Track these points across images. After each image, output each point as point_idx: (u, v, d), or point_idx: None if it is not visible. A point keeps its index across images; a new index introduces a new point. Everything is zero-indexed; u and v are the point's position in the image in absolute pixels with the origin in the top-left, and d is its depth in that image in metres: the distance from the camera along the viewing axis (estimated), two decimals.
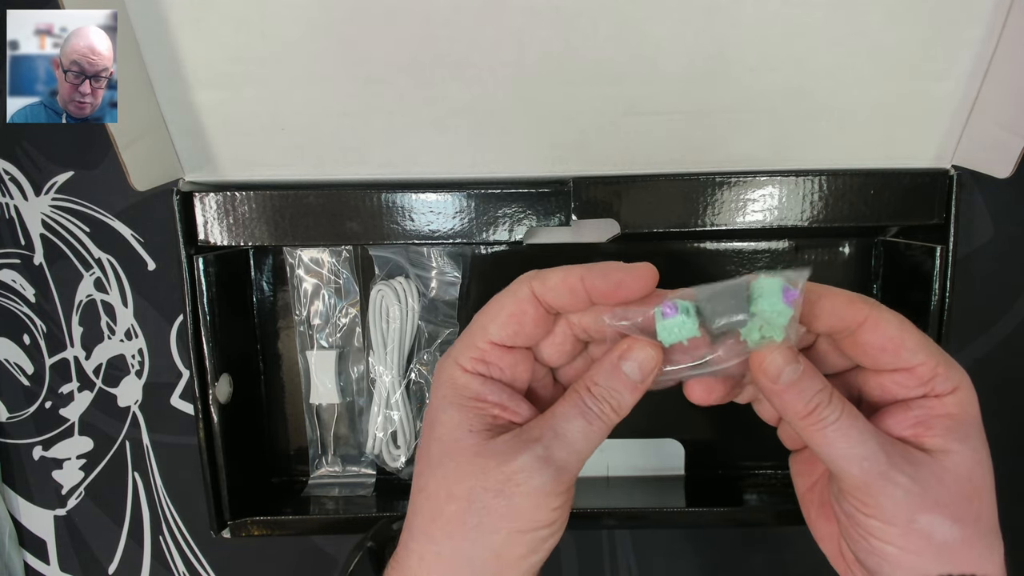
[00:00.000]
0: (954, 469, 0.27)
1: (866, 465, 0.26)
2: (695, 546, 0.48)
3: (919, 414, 0.27)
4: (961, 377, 0.27)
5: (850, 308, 0.27)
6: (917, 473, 0.26)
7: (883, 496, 0.26)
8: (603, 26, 0.35)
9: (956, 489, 0.26)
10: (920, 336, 0.27)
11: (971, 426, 0.27)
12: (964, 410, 0.27)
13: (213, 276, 0.40)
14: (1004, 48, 0.35)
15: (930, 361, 0.27)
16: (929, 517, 0.26)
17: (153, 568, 0.49)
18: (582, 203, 0.38)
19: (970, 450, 0.27)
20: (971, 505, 0.27)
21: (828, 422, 0.26)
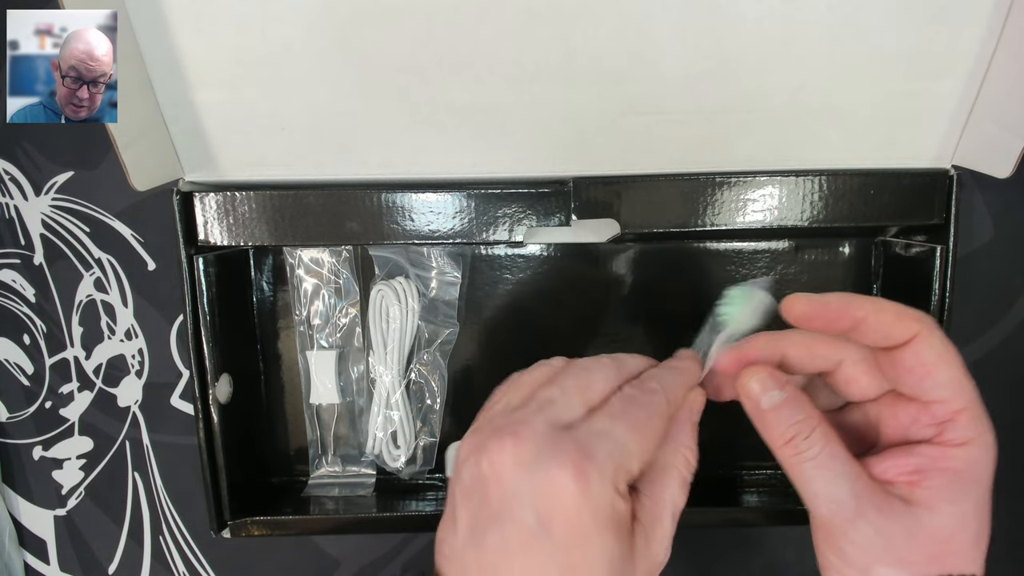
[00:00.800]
0: (931, 528, 0.26)
1: (833, 507, 0.26)
2: (695, 546, 0.48)
3: (919, 462, 0.26)
4: (980, 433, 0.26)
5: (899, 323, 0.26)
6: (885, 526, 0.25)
7: (844, 541, 0.26)
8: (603, 26, 0.35)
9: (927, 548, 0.26)
10: (958, 375, 0.26)
11: (972, 487, 0.26)
12: (970, 468, 0.26)
13: (213, 276, 0.40)
14: (1004, 48, 0.35)
15: (953, 402, 0.26)
16: (886, 570, 0.26)
17: (153, 568, 0.49)
18: (582, 203, 0.38)
19: (960, 514, 0.26)
20: (942, 566, 0.26)
21: (805, 456, 0.26)
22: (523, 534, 0.24)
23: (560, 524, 0.24)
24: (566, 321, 0.45)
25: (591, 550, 0.24)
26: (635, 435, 0.26)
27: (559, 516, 0.24)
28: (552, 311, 0.45)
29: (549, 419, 0.26)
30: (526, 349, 0.45)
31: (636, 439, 0.26)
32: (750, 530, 0.47)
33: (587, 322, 0.45)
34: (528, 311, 0.45)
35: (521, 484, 0.24)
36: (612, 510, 0.25)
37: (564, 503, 0.24)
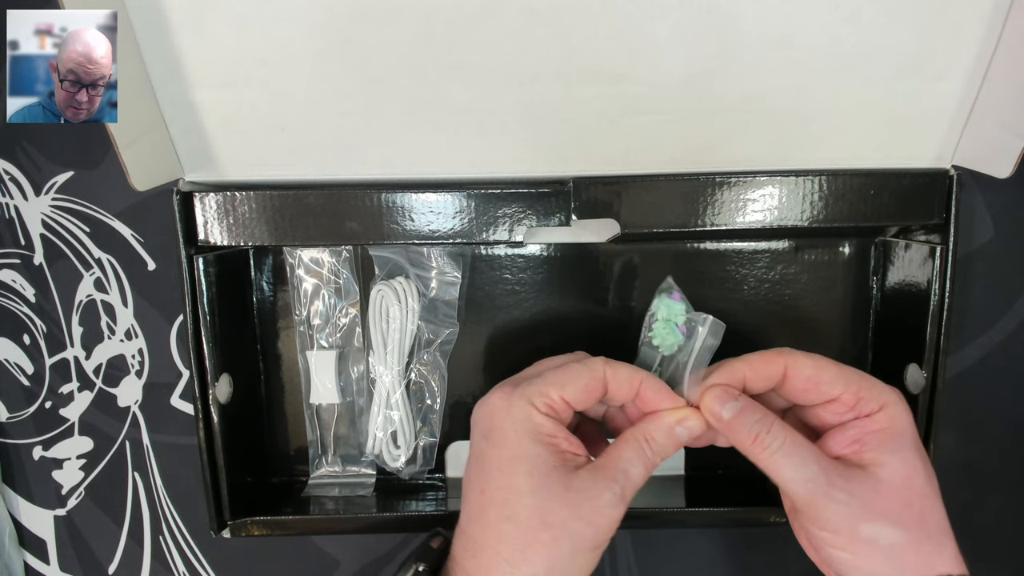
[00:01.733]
0: (889, 479, 0.30)
1: (810, 485, 0.30)
2: (695, 546, 0.48)
3: (854, 433, 0.31)
4: (887, 395, 0.31)
5: (768, 366, 0.32)
6: (854, 488, 0.30)
7: (827, 511, 0.30)
8: (603, 26, 0.35)
9: (893, 496, 0.30)
10: (836, 370, 0.32)
11: (902, 438, 0.31)
12: (894, 424, 0.31)
13: (213, 276, 0.40)
14: (1004, 48, 0.35)
15: (850, 388, 0.31)
16: (870, 526, 0.30)
17: (153, 568, 0.49)
18: (582, 203, 0.38)
19: (902, 460, 0.30)
20: (911, 509, 0.30)
21: (772, 449, 0.31)
22: (475, 448, 0.33)
23: (494, 433, 0.32)
24: (566, 321, 0.45)
25: (514, 449, 0.31)
26: (556, 375, 0.32)
27: (492, 427, 0.32)
28: (552, 311, 0.45)
29: (515, 379, 0.34)
30: (526, 349, 0.45)
31: (555, 375, 0.32)
32: (752, 529, 0.47)
33: (587, 322, 0.45)
34: (528, 311, 0.45)
35: (480, 414, 0.33)
36: (529, 421, 0.31)
37: (494, 417, 0.32)
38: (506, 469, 0.31)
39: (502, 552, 0.30)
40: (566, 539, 0.30)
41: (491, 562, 0.30)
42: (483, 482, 0.31)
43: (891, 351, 0.43)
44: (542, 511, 0.30)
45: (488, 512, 0.31)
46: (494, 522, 0.31)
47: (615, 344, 0.44)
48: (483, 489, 0.31)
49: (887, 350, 0.43)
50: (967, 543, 0.47)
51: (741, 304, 0.44)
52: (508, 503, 0.30)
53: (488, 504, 0.31)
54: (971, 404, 0.46)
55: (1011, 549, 0.47)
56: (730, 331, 0.37)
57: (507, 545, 0.30)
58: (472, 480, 0.32)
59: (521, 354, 0.44)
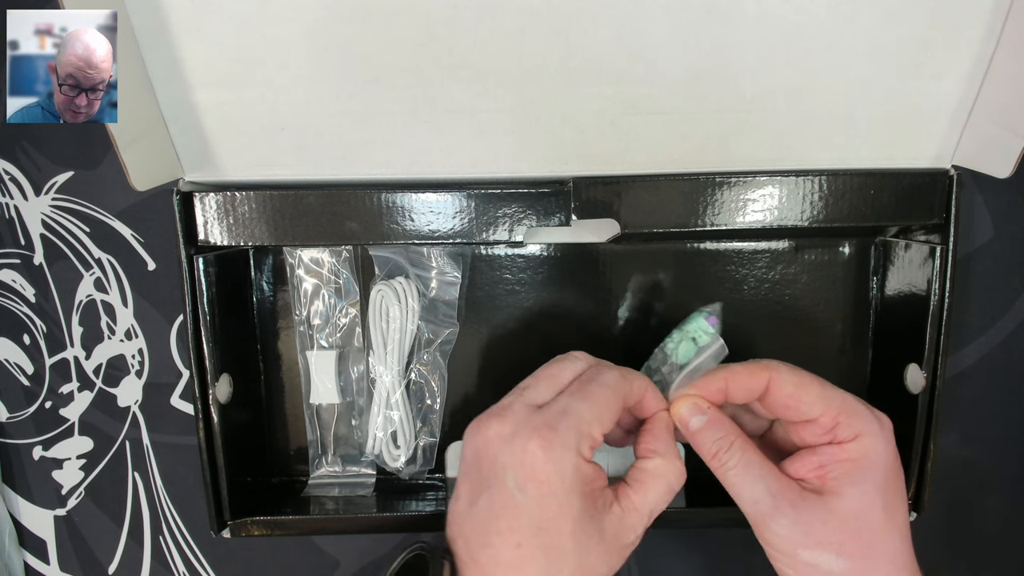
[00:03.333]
0: (841, 510, 0.30)
1: (758, 506, 0.31)
2: (695, 546, 0.48)
3: (821, 459, 0.31)
4: (865, 426, 0.31)
5: (751, 379, 0.32)
6: (800, 516, 0.30)
7: (769, 533, 0.31)
8: (603, 26, 0.35)
9: (841, 529, 0.30)
10: (819, 391, 0.31)
11: (870, 471, 0.31)
12: (863, 456, 0.31)
13: (213, 276, 0.40)
14: (1004, 48, 0.35)
15: (829, 412, 0.31)
16: (809, 552, 0.30)
17: (153, 568, 0.49)
18: (582, 203, 0.38)
19: (860, 493, 0.30)
20: (859, 541, 0.30)
21: (728, 466, 0.31)
22: (505, 496, 0.30)
23: (532, 485, 0.29)
24: (566, 321, 0.45)
25: (558, 506, 0.30)
26: (591, 406, 0.31)
27: (531, 479, 0.29)
28: (552, 311, 0.45)
29: (525, 402, 0.32)
30: (526, 349, 0.45)
31: (592, 409, 0.31)
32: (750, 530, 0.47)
33: (587, 322, 0.45)
34: (528, 311, 0.45)
35: (502, 455, 0.30)
36: (576, 472, 0.30)
37: (535, 468, 0.29)
38: (550, 528, 0.30)
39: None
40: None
41: None
42: (519, 536, 0.30)
43: (891, 351, 0.43)
44: (581, 565, 0.30)
45: (526, 568, 0.30)
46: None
47: (615, 344, 0.45)
48: (520, 543, 0.30)
49: (887, 350, 0.43)
50: (967, 543, 0.47)
51: (741, 304, 0.44)
52: (551, 563, 0.30)
53: (525, 561, 0.30)
54: (971, 404, 0.46)
55: (1011, 549, 0.47)
56: (730, 331, 0.37)
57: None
58: (502, 528, 0.30)
59: (521, 354, 0.44)
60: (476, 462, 0.31)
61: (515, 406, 0.31)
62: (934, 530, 0.47)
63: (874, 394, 0.44)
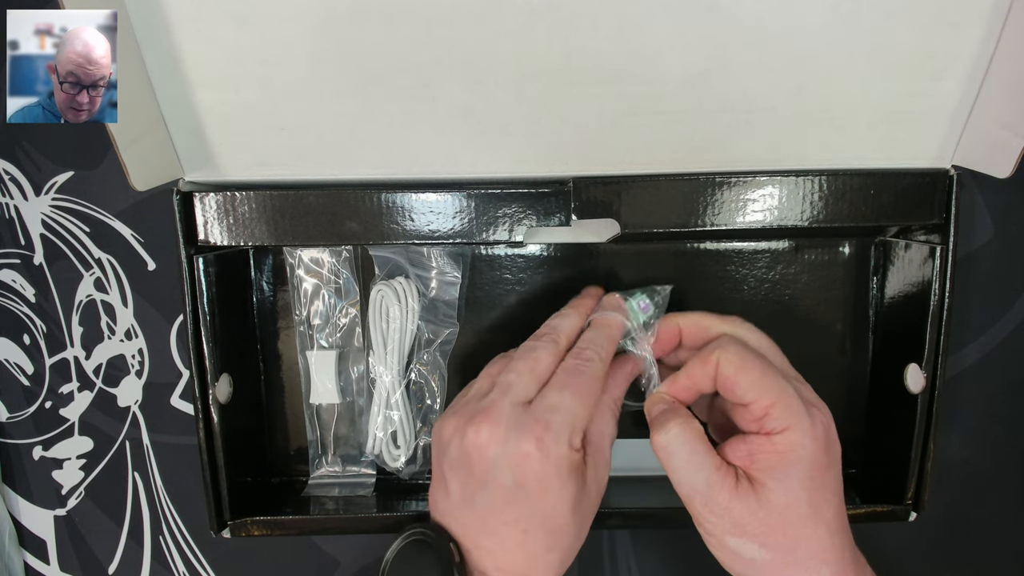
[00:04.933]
0: (768, 503, 0.31)
1: (691, 491, 0.32)
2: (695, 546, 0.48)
3: (750, 447, 0.32)
4: (796, 420, 0.31)
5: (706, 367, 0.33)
6: (731, 506, 0.31)
7: (700, 516, 0.33)
8: (603, 26, 0.35)
9: (766, 521, 0.31)
10: (759, 378, 0.32)
11: (794, 466, 0.31)
12: (790, 450, 0.31)
13: (213, 276, 0.40)
14: (1004, 48, 0.35)
15: (762, 401, 0.32)
16: (735, 540, 0.32)
17: (153, 568, 0.49)
18: (582, 203, 0.38)
19: (785, 488, 0.31)
20: (782, 535, 0.31)
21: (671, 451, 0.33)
22: (506, 494, 0.32)
23: (532, 482, 0.31)
24: None
25: (557, 496, 0.32)
26: (580, 400, 0.33)
27: (530, 477, 0.31)
28: (552, 311, 0.45)
29: (512, 400, 0.33)
30: None
31: (581, 403, 0.33)
32: None
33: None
34: (528, 311, 0.45)
35: (498, 456, 0.32)
36: (569, 463, 0.32)
37: (533, 467, 0.31)
38: (553, 514, 0.32)
39: (549, 572, 0.33)
40: (587, 530, 0.34)
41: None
42: (525, 524, 0.32)
43: (891, 351, 0.43)
44: (579, 530, 0.33)
45: (534, 547, 0.32)
46: (542, 552, 0.32)
47: None
48: (526, 530, 0.32)
49: (887, 350, 0.43)
50: (967, 543, 0.47)
51: (741, 304, 0.44)
52: (554, 537, 0.32)
53: (534, 541, 0.32)
54: (971, 404, 0.46)
55: (1011, 549, 0.47)
56: None
57: (553, 566, 0.33)
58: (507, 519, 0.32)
59: None
60: (467, 461, 0.33)
61: (503, 406, 0.32)
62: (934, 530, 0.47)
63: (874, 394, 0.44)
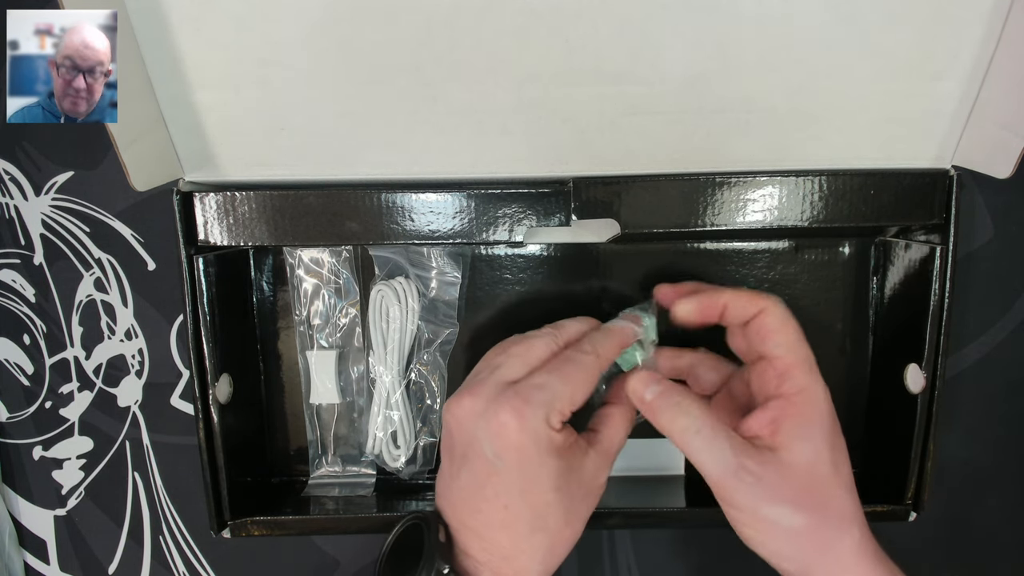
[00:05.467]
0: (793, 463, 0.32)
1: (720, 467, 0.32)
2: (695, 546, 0.48)
3: (773, 414, 0.32)
4: (811, 383, 0.33)
5: (751, 304, 0.34)
6: (762, 471, 0.31)
7: (733, 491, 0.32)
8: (603, 26, 0.35)
9: (797, 481, 0.31)
10: (794, 338, 0.34)
11: (815, 426, 0.32)
12: (810, 411, 0.32)
13: (213, 276, 0.40)
14: (1004, 48, 0.35)
15: (788, 357, 0.33)
16: (771, 508, 0.31)
17: (153, 568, 0.49)
18: (582, 203, 0.38)
19: (811, 447, 0.32)
20: (813, 495, 0.32)
21: (690, 431, 0.32)
22: (486, 466, 0.32)
23: (510, 453, 0.32)
24: None
25: (537, 469, 0.32)
26: (563, 383, 0.33)
27: (508, 448, 0.31)
28: (552, 311, 0.45)
29: (497, 378, 0.33)
30: None
31: (565, 386, 0.33)
32: None
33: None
34: (528, 311, 0.45)
35: (478, 429, 0.32)
36: (548, 440, 0.32)
37: (511, 438, 0.31)
38: (533, 489, 0.32)
39: (535, 556, 0.33)
40: (580, 524, 0.34)
41: (528, 565, 0.33)
42: (505, 499, 0.32)
43: (891, 351, 0.43)
44: (567, 513, 0.33)
45: (517, 525, 0.32)
46: (526, 533, 0.32)
47: None
48: (507, 505, 0.32)
49: (887, 350, 0.43)
50: (967, 543, 0.47)
51: None
52: (538, 517, 0.32)
53: (516, 519, 0.32)
54: (971, 404, 0.46)
55: (1011, 549, 0.47)
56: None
57: (540, 550, 0.33)
58: (488, 495, 0.32)
59: None
60: (450, 438, 0.34)
61: (488, 382, 0.33)
62: (934, 530, 0.47)
63: (874, 394, 0.44)
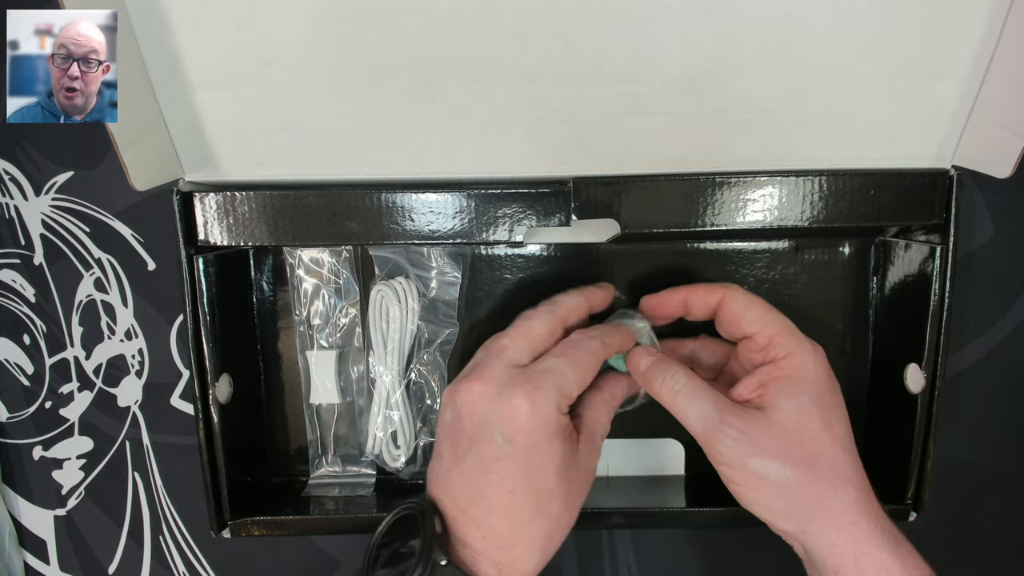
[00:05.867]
0: (780, 420, 0.33)
1: (705, 421, 0.33)
2: (695, 546, 0.48)
3: (760, 379, 0.34)
4: (798, 346, 0.35)
5: (709, 295, 0.37)
6: (745, 425, 0.33)
7: (719, 445, 0.33)
8: (603, 26, 0.35)
9: (783, 436, 0.33)
10: (762, 312, 0.36)
11: (803, 385, 0.34)
12: (797, 372, 0.34)
13: (213, 276, 0.40)
14: (1004, 48, 0.35)
15: (765, 331, 0.35)
16: (758, 460, 0.33)
17: (153, 568, 0.49)
18: (582, 203, 0.38)
19: (797, 404, 0.33)
20: (800, 450, 0.33)
21: (676, 390, 0.34)
22: (494, 449, 0.32)
23: (520, 437, 0.32)
24: None
25: (545, 454, 0.33)
26: (573, 369, 0.34)
27: (519, 432, 0.32)
28: None
29: (505, 362, 0.34)
30: None
31: (574, 372, 0.34)
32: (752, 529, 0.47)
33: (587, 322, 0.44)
34: None
35: (489, 412, 0.33)
36: (557, 424, 0.33)
37: (522, 422, 0.32)
38: (539, 474, 0.33)
39: (534, 543, 0.33)
40: (576, 510, 0.35)
41: (526, 553, 0.33)
42: (511, 484, 0.32)
43: (891, 351, 0.43)
44: (566, 500, 0.34)
45: (519, 512, 0.33)
46: (527, 520, 0.33)
47: None
48: (512, 491, 0.32)
49: (887, 350, 0.43)
50: (967, 543, 0.47)
51: None
52: (541, 503, 0.33)
53: (519, 505, 0.32)
54: (971, 404, 0.46)
55: (1011, 549, 0.47)
56: None
57: (539, 537, 0.33)
58: (493, 480, 0.32)
59: None
60: (459, 422, 0.34)
61: (497, 367, 0.34)
62: (934, 530, 0.47)
63: (874, 394, 0.44)
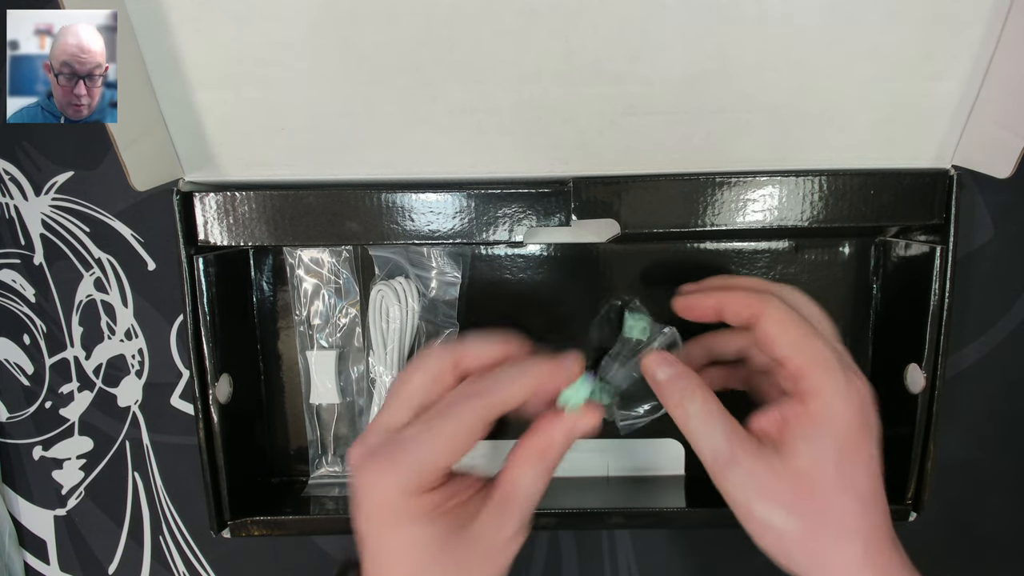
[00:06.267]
0: (794, 466, 0.30)
1: (715, 455, 0.31)
2: (695, 546, 0.48)
3: (783, 414, 0.31)
4: (831, 383, 0.30)
5: (744, 309, 0.33)
6: (755, 466, 0.30)
7: (726, 482, 0.31)
8: (603, 26, 0.35)
9: (793, 483, 0.30)
10: (799, 338, 0.31)
11: (826, 429, 0.30)
12: (822, 414, 0.30)
13: (213, 276, 0.40)
14: (1004, 48, 0.35)
15: (796, 359, 0.31)
16: (764, 506, 0.30)
17: (153, 568, 0.49)
18: (582, 203, 0.38)
19: (815, 451, 0.30)
20: (812, 502, 0.30)
21: (690, 414, 0.32)
22: (362, 521, 0.30)
23: (375, 515, 0.30)
24: (566, 321, 0.45)
25: (397, 536, 0.29)
26: (436, 440, 0.29)
27: (373, 510, 0.30)
28: (552, 311, 0.45)
29: (382, 425, 0.31)
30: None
31: (437, 444, 0.29)
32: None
33: (587, 322, 0.44)
34: (528, 311, 0.45)
35: (356, 480, 0.30)
36: (410, 506, 0.29)
37: (374, 500, 0.30)
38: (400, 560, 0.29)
39: None
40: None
41: None
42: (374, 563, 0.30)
43: (891, 351, 0.43)
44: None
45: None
46: None
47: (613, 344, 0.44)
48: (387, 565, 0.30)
49: (887, 350, 0.43)
50: (967, 543, 0.47)
51: None
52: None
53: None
54: (971, 404, 0.46)
55: (1011, 549, 0.47)
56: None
57: None
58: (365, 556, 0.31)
59: None
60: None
61: (374, 428, 0.31)
62: (934, 530, 0.47)
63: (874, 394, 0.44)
